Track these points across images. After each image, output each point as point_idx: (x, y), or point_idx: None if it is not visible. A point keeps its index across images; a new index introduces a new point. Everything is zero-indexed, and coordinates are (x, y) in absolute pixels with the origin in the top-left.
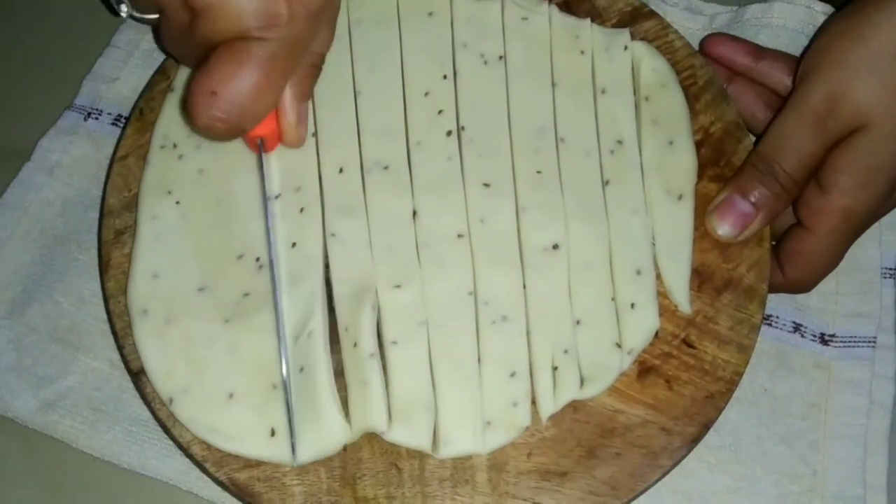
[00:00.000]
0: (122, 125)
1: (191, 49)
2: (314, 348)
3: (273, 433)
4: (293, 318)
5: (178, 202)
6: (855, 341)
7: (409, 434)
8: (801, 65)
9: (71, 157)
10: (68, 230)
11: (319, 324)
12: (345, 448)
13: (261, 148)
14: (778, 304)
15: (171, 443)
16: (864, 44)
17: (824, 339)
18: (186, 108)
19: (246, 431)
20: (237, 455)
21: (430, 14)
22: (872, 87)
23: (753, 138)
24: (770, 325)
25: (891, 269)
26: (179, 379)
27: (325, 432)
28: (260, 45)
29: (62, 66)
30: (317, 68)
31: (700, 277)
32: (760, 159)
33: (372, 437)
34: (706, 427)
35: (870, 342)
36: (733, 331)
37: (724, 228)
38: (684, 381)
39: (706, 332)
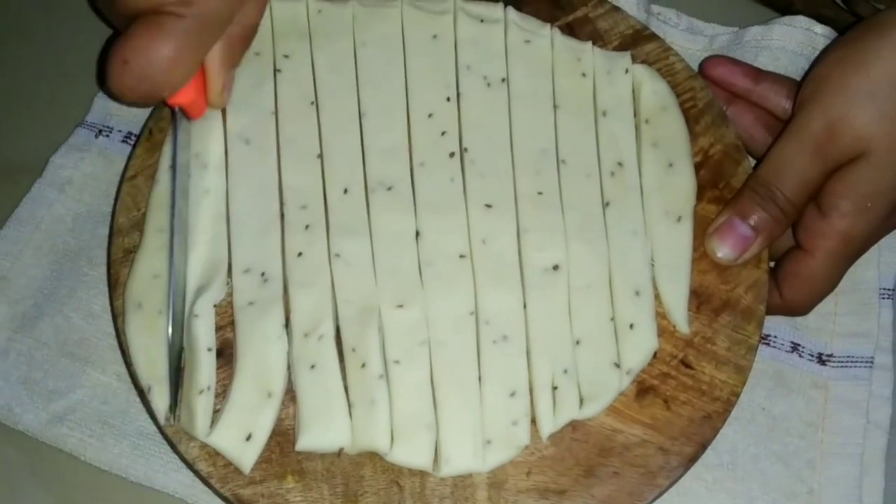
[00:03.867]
0: (132, 143)
1: (118, 19)
2: (325, 351)
3: (249, 437)
4: (302, 316)
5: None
6: (852, 361)
7: (409, 454)
8: (800, 90)
9: (82, 174)
10: (79, 246)
11: (330, 330)
12: (339, 453)
13: (177, 116)
14: (776, 323)
15: (177, 457)
16: (864, 72)
17: (822, 359)
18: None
19: (223, 426)
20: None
21: (435, 37)
22: (872, 116)
23: (752, 161)
24: (768, 344)
25: (889, 289)
26: (161, 368)
27: (330, 428)
28: (174, 21)
29: (74, 83)
30: (246, 39)
31: (698, 298)
32: (760, 183)
33: (374, 455)
34: (703, 447)
35: (867, 362)
36: (731, 351)
37: (723, 251)
38: (682, 401)
39: (704, 352)
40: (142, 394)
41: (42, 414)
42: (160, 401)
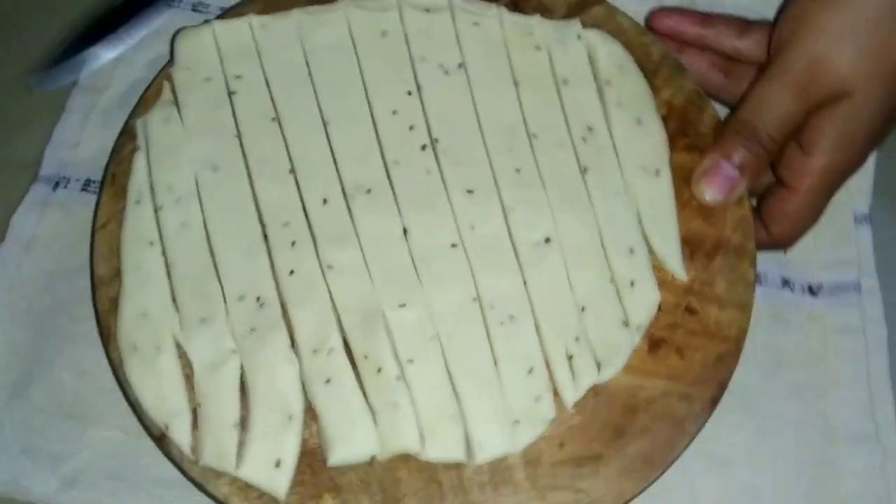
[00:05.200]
0: (92, 190)
1: None
2: (338, 363)
3: (278, 464)
4: (307, 333)
5: (162, 253)
6: (841, 289)
7: (442, 449)
8: (776, 29)
9: (45, 230)
10: (56, 303)
11: (338, 342)
12: (372, 461)
13: None
14: (764, 261)
15: (197, 500)
16: (843, 9)
17: (812, 291)
18: None
19: (250, 457)
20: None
21: (384, 33)
22: (853, 55)
23: (715, 104)
24: (760, 283)
25: (863, 213)
26: (174, 402)
27: (357, 439)
28: None
29: (24, 136)
30: None
31: (690, 246)
32: (742, 124)
33: (406, 457)
34: (722, 387)
35: (855, 288)
36: (730, 290)
37: (710, 193)
38: (694, 347)
39: (705, 296)
40: (158, 441)
41: (51, 481)
42: (182, 436)
